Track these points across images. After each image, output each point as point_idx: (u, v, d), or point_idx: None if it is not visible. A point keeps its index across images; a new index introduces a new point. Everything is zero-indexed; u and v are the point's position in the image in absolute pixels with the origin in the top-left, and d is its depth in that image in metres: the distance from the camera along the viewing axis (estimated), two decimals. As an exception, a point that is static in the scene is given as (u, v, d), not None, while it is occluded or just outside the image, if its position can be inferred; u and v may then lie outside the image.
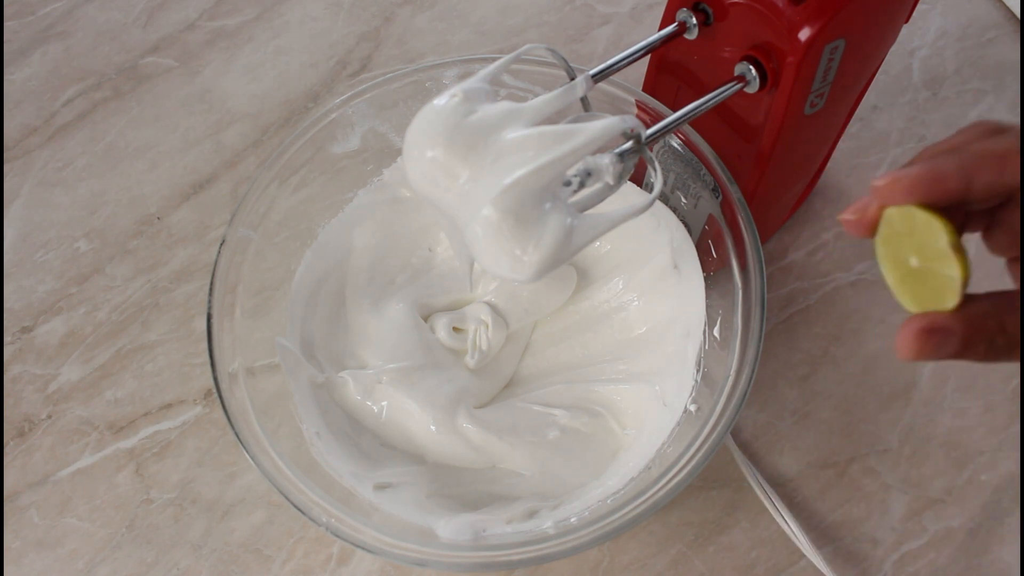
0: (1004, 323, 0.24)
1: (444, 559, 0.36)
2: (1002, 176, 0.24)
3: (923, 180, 0.24)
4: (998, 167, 0.24)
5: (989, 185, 0.24)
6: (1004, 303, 0.24)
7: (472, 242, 0.31)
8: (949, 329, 0.24)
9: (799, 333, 0.51)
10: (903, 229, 0.25)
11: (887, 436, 0.48)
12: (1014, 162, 0.24)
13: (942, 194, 0.24)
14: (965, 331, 0.24)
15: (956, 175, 0.24)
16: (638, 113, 0.44)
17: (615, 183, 0.32)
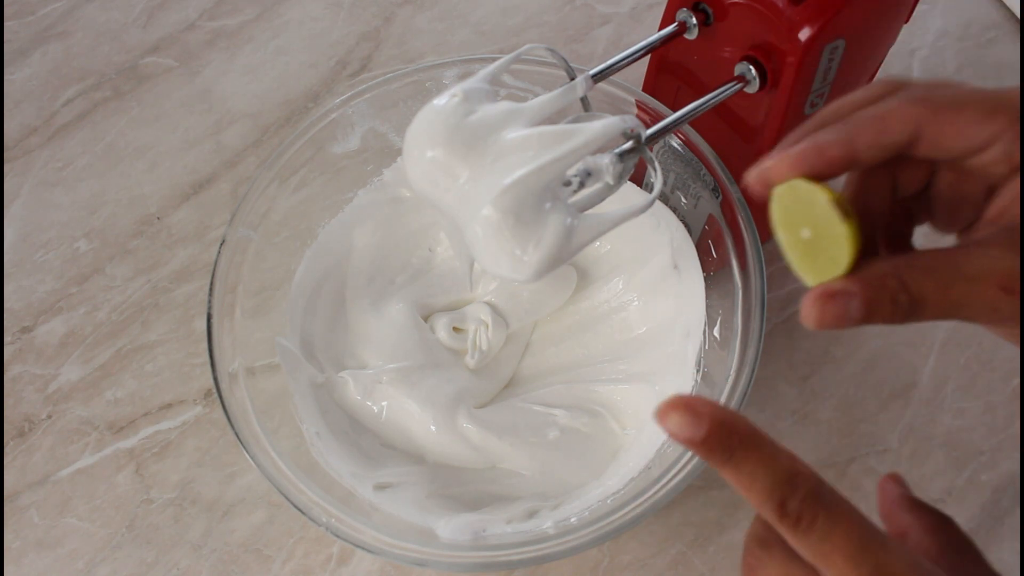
0: (905, 281, 0.23)
1: (444, 559, 0.36)
2: (881, 137, 0.24)
3: (805, 153, 0.25)
4: (878, 129, 0.24)
5: (871, 147, 0.25)
6: (903, 262, 0.24)
7: (472, 242, 0.31)
8: (848, 292, 0.23)
9: (799, 333, 0.51)
10: (791, 204, 0.25)
11: (887, 436, 0.48)
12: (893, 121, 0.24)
13: (826, 164, 0.25)
14: (865, 292, 0.23)
15: (838, 143, 0.25)
16: (638, 113, 0.44)
17: (615, 183, 0.32)
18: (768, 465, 0.25)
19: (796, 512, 0.25)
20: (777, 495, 0.25)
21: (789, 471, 0.26)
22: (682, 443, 0.25)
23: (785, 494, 0.25)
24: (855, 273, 0.24)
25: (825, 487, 0.26)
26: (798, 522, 0.25)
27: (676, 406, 0.24)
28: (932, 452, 0.48)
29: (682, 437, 0.25)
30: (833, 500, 0.25)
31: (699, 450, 0.25)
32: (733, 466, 0.25)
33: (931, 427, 0.49)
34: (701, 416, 0.24)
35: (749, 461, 0.25)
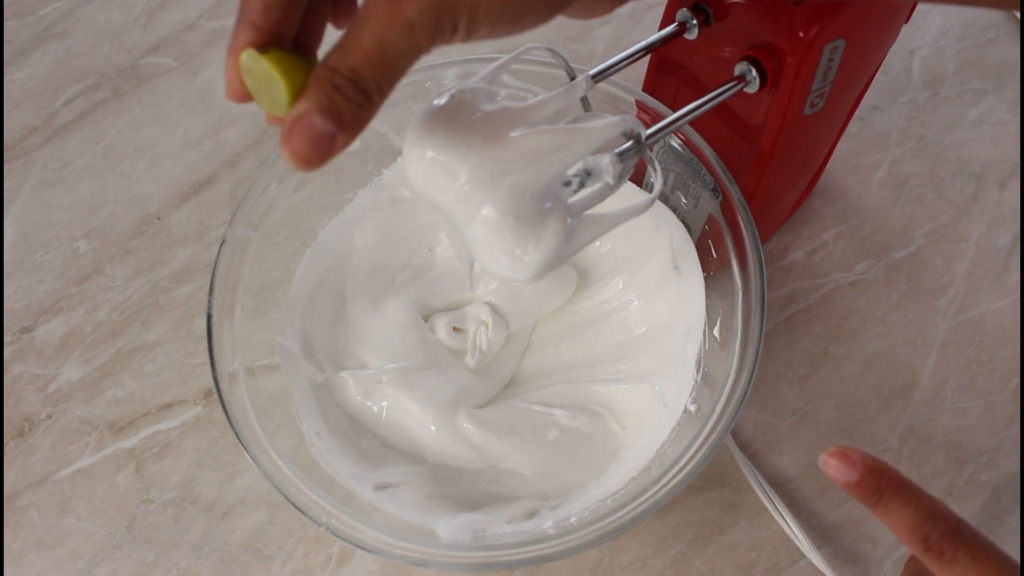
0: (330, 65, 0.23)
1: (444, 559, 0.36)
2: None
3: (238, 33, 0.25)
4: None
5: None
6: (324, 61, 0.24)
7: (472, 242, 0.31)
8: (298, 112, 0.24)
9: (799, 333, 0.51)
10: (248, 72, 0.25)
11: (887, 436, 0.48)
12: None
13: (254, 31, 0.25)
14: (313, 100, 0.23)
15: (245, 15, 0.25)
16: (638, 113, 0.44)
17: (615, 183, 0.32)
18: (912, 504, 0.29)
19: (938, 546, 0.28)
20: (920, 531, 0.28)
21: (930, 510, 0.29)
22: (841, 486, 0.29)
23: (927, 530, 0.28)
24: (301, 94, 0.24)
25: (965, 525, 0.29)
26: (941, 554, 0.28)
27: (835, 455, 0.29)
28: (932, 452, 0.48)
29: (840, 481, 0.29)
30: (973, 536, 0.28)
31: (854, 492, 0.29)
32: (883, 506, 0.29)
33: (931, 427, 0.49)
34: (854, 463, 0.29)
35: (896, 501, 0.29)
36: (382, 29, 0.23)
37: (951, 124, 0.59)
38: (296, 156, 0.24)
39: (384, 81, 0.24)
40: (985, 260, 0.54)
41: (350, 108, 0.24)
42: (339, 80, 0.23)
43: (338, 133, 0.24)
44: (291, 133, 0.24)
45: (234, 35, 0.25)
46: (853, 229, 0.55)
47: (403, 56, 0.23)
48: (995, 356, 0.51)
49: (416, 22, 0.23)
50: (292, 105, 0.24)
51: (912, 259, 0.54)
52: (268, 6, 0.25)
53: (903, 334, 0.51)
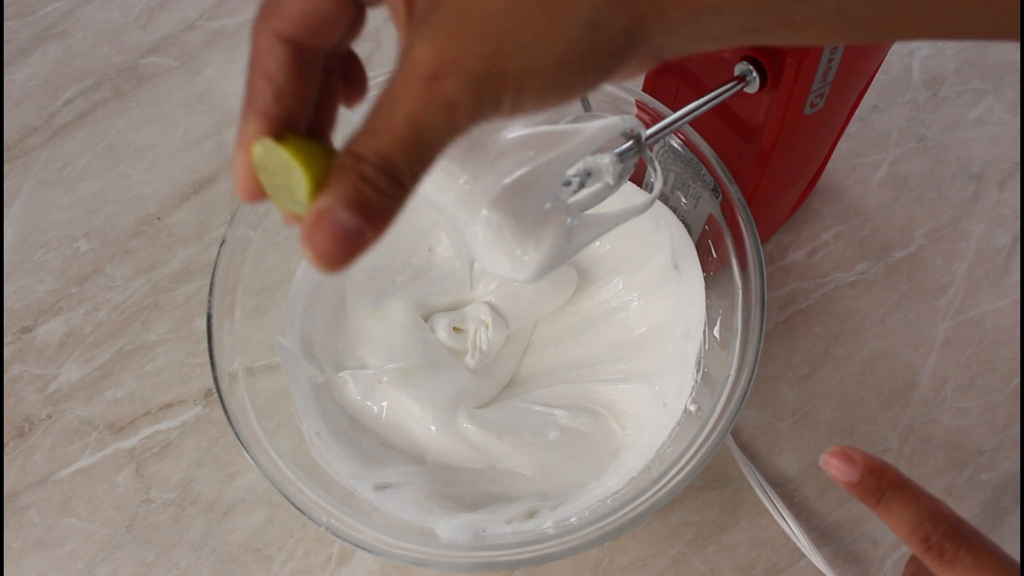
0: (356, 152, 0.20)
1: (444, 559, 0.36)
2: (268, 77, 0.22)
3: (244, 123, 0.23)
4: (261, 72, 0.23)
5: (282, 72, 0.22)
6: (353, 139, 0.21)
7: (472, 242, 0.31)
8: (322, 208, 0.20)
9: (799, 333, 0.51)
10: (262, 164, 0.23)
11: (887, 436, 0.48)
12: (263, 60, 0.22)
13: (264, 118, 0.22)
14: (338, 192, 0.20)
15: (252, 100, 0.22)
16: (638, 113, 0.44)
17: (615, 183, 0.32)
18: (913, 504, 0.29)
19: (939, 546, 0.28)
20: (921, 531, 0.28)
21: (932, 509, 0.29)
22: (842, 486, 0.29)
23: (928, 530, 0.28)
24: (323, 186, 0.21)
25: (966, 525, 0.29)
26: (942, 554, 0.28)
27: (836, 454, 0.30)
28: (932, 452, 0.48)
29: (842, 480, 0.29)
30: (974, 536, 0.28)
31: (856, 491, 0.29)
32: (884, 505, 0.29)
33: (931, 427, 0.49)
34: (856, 463, 0.29)
35: (897, 500, 0.29)
36: (417, 109, 0.20)
37: (951, 124, 0.59)
38: (320, 257, 0.21)
39: (419, 166, 0.21)
40: (985, 260, 0.54)
41: (380, 199, 0.20)
42: (367, 169, 0.20)
43: (367, 228, 0.21)
44: (314, 231, 0.20)
45: (242, 127, 0.22)
46: (853, 229, 0.55)
47: (441, 139, 0.21)
48: (995, 356, 0.51)
49: (457, 101, 0.20)
50: (313, 199, 0.21)
51: (912, 259, 0.54)
52: (281, 93, 0.22)
53: (903, 334, 0.51)
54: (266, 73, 0.22)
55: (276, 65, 0.22)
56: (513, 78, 0.20)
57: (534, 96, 0.21)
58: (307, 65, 0.23)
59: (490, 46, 0.20)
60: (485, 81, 0.20)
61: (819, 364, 0.51)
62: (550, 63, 0.21)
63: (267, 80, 0.22)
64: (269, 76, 0.22)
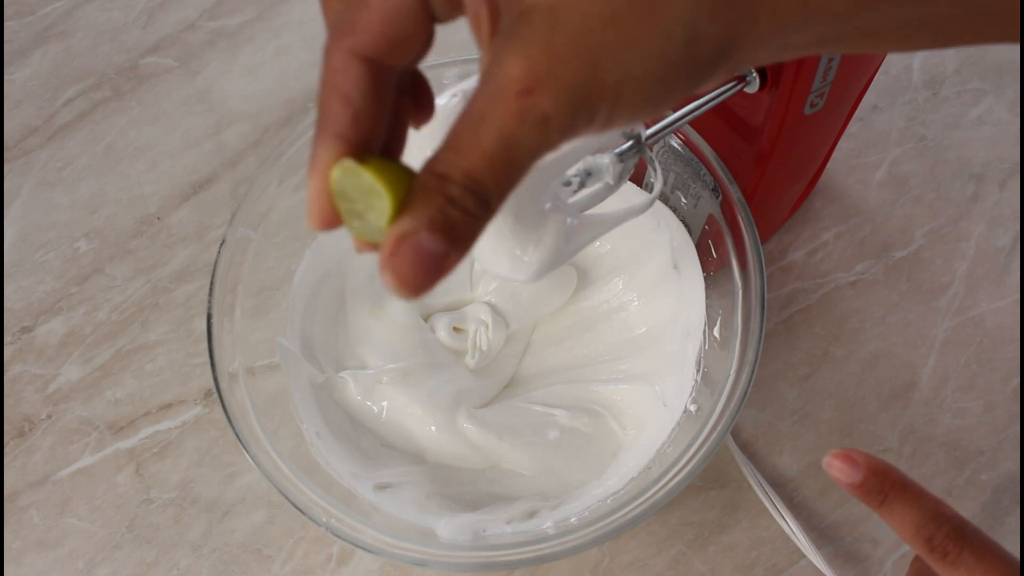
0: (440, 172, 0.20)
1: (444, 559, 0.36)
2: None
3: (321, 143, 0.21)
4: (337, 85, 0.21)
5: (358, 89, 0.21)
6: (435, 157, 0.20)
7: (472, 242, 0.31)
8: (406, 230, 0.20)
9: (799, 333, 0.51)
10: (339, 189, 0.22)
11: (887, 436, 0.48)
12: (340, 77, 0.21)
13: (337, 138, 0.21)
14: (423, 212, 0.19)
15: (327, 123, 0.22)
16: (638, 113, 0.44)
17: (615, 183, 0.32)
18: (916, 505, 0.29)
19: (942, 547, 0.28)
20: (925, 532, 0.28)
21: (935, 511, 0.29)
22: (845, 487, 0.29)
23: (932, 531, 0.28)
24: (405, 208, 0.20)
25: (969, 526, 0.29)
26: (945, 555, 0.28)
27: (838, 456, 0.30)
28: (932, 452, 0.48)
29: (844, 482, 0.29)
30: (977, 537, 0.28)
31: (858, 493, 0.29)
32: (887, 507, 0.29)
33: (931, 427, 0.49)
34: (858, 465, 0.29)
35: (900, 502, 0.29)
36: (509, 125, 0.19)
37: (951, 124, 0.59)
38: (403, 283, 0.20)
39: (507, 185, 0.20)
40: (985, 260, 0.54)
41: (465, 221, 0.20)
42: (454, 190, 0.19)
43: (451, 251, 0.20)
44: (395, 256, 0.19)
45: (316, 152, 0.21)
46: (853, 229, 0.55)
47: (532, 156, 0.20)
48: (995, 356, 0.51)
49: (552, 116, 0.19)
50: (393, 223, 0.20)
51: (912, 259, 0.54)
52: (359, 115, 0.21)
53: (903, 334, 0.51)
54: (343, 94, 0.21)
55: (353, 85, 0.21)
56: (609, 91, 0.20)
57: (627, 109, 0.21)
58: (384, 85, 0.22)
59: (586, 59, 0.19)
60: (581, 95, 0.19)
61: (819, 364, 0.51)
62: (646, 75, 0.20)
63: (344, 101, 0.21)
64: (346, 97, 0.21)
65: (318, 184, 0.21)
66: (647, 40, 0.19)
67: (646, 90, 0.20)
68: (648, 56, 0.20)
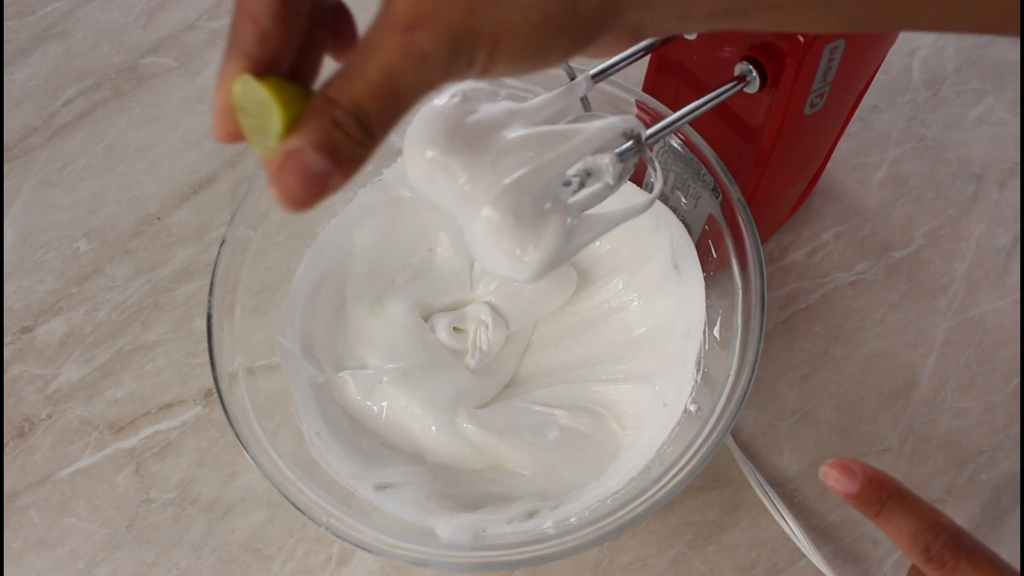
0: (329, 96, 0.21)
1: (444, 559, 0.36)
2: None
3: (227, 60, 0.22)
4: None
5: None
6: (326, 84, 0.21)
7: (472, 242, 0.31)
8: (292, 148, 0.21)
9: (799, 333, 0.51)
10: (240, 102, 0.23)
11: (887, 436, 0.48)
12: None
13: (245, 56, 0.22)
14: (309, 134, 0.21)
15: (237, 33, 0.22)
16: (638, 113, 0.44)
17: (615, 183, 0.32)
18: (913, 514, 0.29)
19: (939, 556, 0.28)
20: (922, 541, 0.28)
21: (931, 520, 0.29)
22: (842, 497, 0.30)
23: (928, 540, 0.28)
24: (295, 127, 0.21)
25: (966, 534, 0.29)
26: (943, 565, 0.28)
27: (835, 466, 0.30)
28: (932, 452, 0.48)
29: (841, 492, 0.30)
30: (974, 546, 0.28)
31: (855, 503, 0.30)
32: (884, 516, 0.29)
33: (931, 427, 0.49)
34: (855, 474, 0.29)
35: (897, 511, 0.29)
36: (392, 59, 0.21)
37: (951, 124, 0.59)
38: (287, 196, 0.21)
39: (389, 117, 0.21)
40: (985, 260, 0.54)
41: (349, 145, 0.21)
42: (340, 114, 0.21)
43: (334, 172, 0.21)
44: (282, 170, 0.21)
45: (224, 66, 0.22)
46: (853, 229, 0.55)
47: (412, 91, 0.21)
48: (995, 356, 0.51)
49: (431, 54, 0.20)
50: (284, 139, 0.21)
51: (912, 259, 0.54)
52: (266, 35, 0.22)
53: (903, 334, 0.51)
54: (252, 15, 0.22)
55: (261, 7, 0.22)
56: (487, 35, 0.21)
57: (506, 57, 0.22)
58: (294, 10, 0.23)
59: (468, 2, 0.20)
60: (459, 36, 0.21)
61: (819, 364, 0.51)
62: (525, 25, 0.21)
63: (252, 22, 0.22)
64: (255, 18, 0.22)
65: (221, 98, 0.22)
66: None
67: (525, 40, 0.21)
68: (527, 5, 0.21)
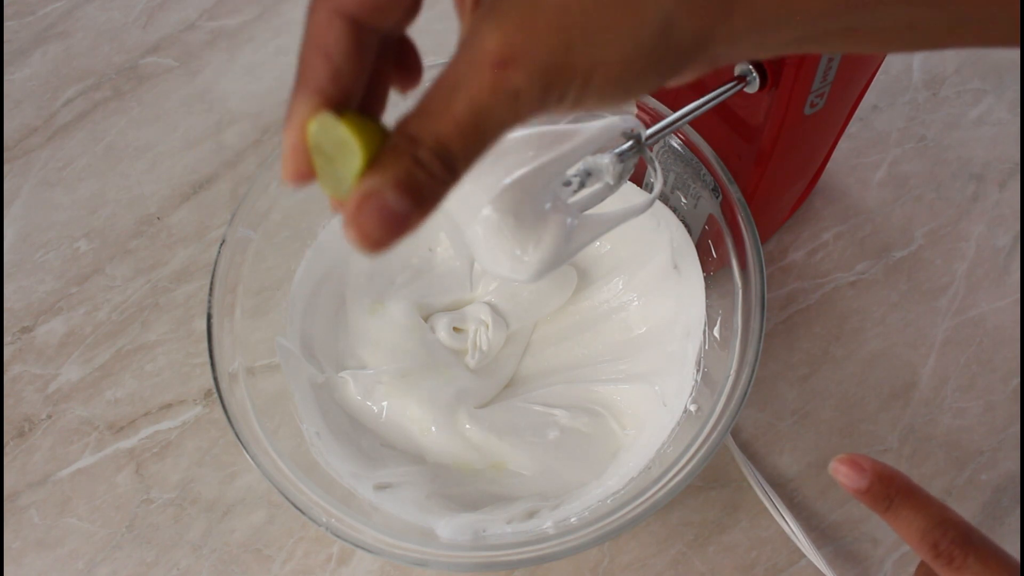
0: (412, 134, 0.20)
1: (444, 559, 0.36)
2: None
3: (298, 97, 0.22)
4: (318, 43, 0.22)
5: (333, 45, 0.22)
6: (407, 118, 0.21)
7: (472, 242, 0.31)
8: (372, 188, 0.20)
9: (799, 333, 0.51)
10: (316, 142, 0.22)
11: (887, 436, 0.48)
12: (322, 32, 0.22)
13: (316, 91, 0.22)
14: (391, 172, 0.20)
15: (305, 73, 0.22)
16: (638, 113, 0.44)
17: (615, 183, 0.32)
18: (922, 511, 0.29)
19: (948, 552, 0.28)
20: (930, 537, 0.29)
21: (940, 516, 0.29)
22: (851, 493, 0.30)
23: (937, 536, 0.28)
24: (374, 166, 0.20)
25: (974, 531, 0.29)
26: (951, 561, 0.28)
27: (844, 462, 0.30)
28: (932, 452, 0.48)
29: (850, 488, 0.30)
30: (983, 543, 0.28)
31: (864, 499, 0.30)
32: (892, 512, 0.29)
33: (931, 427, 0.49)
34: (864, 470, 0.30)
35: (905, 507, 0.29)
36: (482, 97, 0.20)
37: (951, 124, 0.59)
38: (365, 238, 0.20)
39: (473, 154, 0.21)
40: (985, 260, 0.54)
41: (431, 184, 0.20)
42: (423, 152, 0.20)
43: (414, 212, 0.20)
44: (359, 211, 0.20)
45: (295, 103, 0.22)
46: (853, 229, 0.55)
47: (501, 128, 0.20)
48: (995, 356, 0.51)
49: (523, 91, 0.20)
50: (361, 178, 0.20)
51: (912, 259, 0.54)
52: (338, 72, 0.21)
53: (903, 334, 0.51)
54: (324, 51, 0.22)
55: (335, 43, 0.22)
56: (580, 72, 0.20)
57: (597, 92, 0.21)
58: (365, 45, 0.22)
59: (561, 38, 0.20)
60: (552, 73, 0.20)
61: (819, 364, 0.51)
62: (617, 60, 0.21)
63: (325, 58, 0.22)
64: (327, 54, 0.22)
65: (295, 136, 0.22)
66: (622, 25, 0.20)
67: (617, 75, 0.21)
68: (622, 41, 0.20)
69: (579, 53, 0.20)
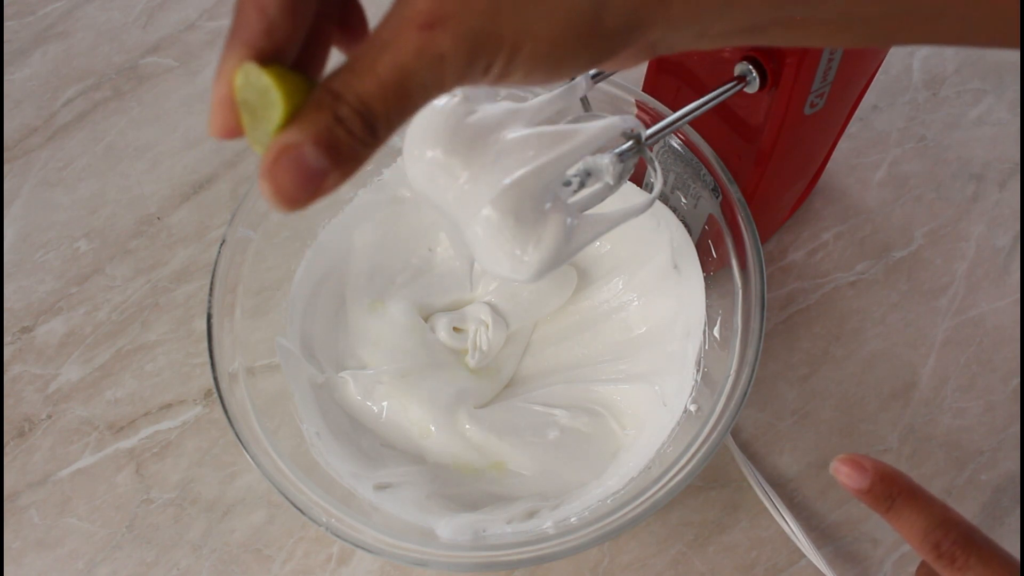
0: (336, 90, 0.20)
1: (444, 559, 0.36)
2: None
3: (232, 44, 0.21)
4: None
5: None
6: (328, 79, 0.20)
7: (472, 242, 0.31)
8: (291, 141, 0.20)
9: (799, 333, 0.51)
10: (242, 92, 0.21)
11: (887, 436, 0.48)
12: None
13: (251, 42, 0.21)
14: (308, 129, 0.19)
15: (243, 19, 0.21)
16: (638, 113, 0.44)
17: (615, 183, 0.32)
18: (924, 511, 0.29)
19: (950, 553, 0.28)
20: (932, 538, 0.28)
21: (942, 516, 0.29)
22: (852, 493, 0.30)
23: (939, 537, 0.28)
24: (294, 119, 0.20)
25: (976, 531, 0.29)
26: (953, 561, 0.28)
27: (846, 461, 0.30)
28: (932, 452, 0.48)
29: (852, 487, 0.30)
30: (984, 543, 0.28)
31: (866, 499, 0.30)
32: (894, 513, 0.29)
33: (931, 427, 0.49)
34: (866, 470, 0.29)
35: (907, 508, 0.29)
36: (407, 57, 0.19)
37: (951, 124, 0.59)
38: (279, 193, 0.20)
39: (396, 117, 0.20)
40: (985, 260, 0.54)
41: (351, 143, 0.20)
42: (344, 110, 0.20)
43: (331, 171, 0.20)
44: (275, 164, 0.19)
45: (224, 56, 0.21)
46: (853, 229, 0.55)
47: (424, 92, 0.20)
48: (995, 356, 0.51)
49: (448, 55, 0.19)
50: (280, 131, 0.20)
51: (912, 259, 0.54)
52: (272, 26, 0.21)
53: (903, 334, 0.51)
54: (259, 3, 0.21)
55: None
56: (508, 41, 0.20)
57: (525, 65, 0.21)
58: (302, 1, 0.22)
59: (491, 5, 0.20)
60: (479, 39, 0.20)
61: (819, 364, 0.51)
62: (546, 33, 0.20)
63: (259, 11, 0.21)
64: (262, 6, 0.21)
65: (221, 89, 0.21)
66: None
67: (545, 49, 0.21)
68: (552, 14, 0.20)
69: (508, 22, 0.20)
